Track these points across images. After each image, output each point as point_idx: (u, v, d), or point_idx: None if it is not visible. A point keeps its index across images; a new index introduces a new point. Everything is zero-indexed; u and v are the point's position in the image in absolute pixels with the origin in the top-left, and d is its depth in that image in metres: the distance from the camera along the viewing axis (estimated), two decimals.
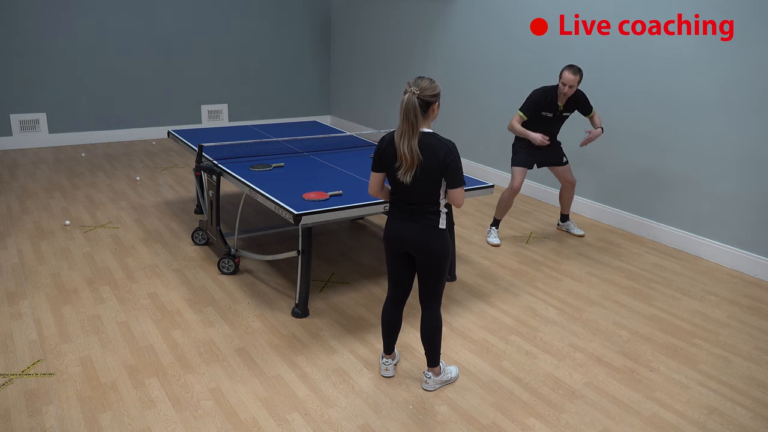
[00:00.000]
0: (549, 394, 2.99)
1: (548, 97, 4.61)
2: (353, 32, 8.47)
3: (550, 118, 4.68)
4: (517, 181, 4.78)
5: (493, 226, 4.97)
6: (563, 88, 4.50)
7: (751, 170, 4.42)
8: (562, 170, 4.95)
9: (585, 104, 4.73)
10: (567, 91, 4.50)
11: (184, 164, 6.84)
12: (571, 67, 4.46)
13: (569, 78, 4.44)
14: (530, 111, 4.63)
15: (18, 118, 7.14)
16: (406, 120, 2.54)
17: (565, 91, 4.50)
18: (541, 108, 4.62)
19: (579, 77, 4.47)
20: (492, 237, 4.91)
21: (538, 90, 4.66)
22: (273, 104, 8.75)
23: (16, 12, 6.84)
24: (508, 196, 4.84)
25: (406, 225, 2.74)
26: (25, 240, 4.56)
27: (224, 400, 2.84)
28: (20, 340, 3.25)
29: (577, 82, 4.47)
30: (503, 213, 4.93)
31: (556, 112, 4.66)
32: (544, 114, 4.65)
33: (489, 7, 6.29)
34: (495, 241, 4.88)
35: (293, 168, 4.24)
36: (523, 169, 4.80)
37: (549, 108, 4.63)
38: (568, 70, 4.45)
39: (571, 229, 5.21)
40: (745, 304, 4.05)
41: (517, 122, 4.66)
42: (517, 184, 4.78)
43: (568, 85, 4.47)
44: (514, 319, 3.71)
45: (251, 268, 4.24)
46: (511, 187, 4.79)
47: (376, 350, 3.29)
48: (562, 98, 4.59)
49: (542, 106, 4.62)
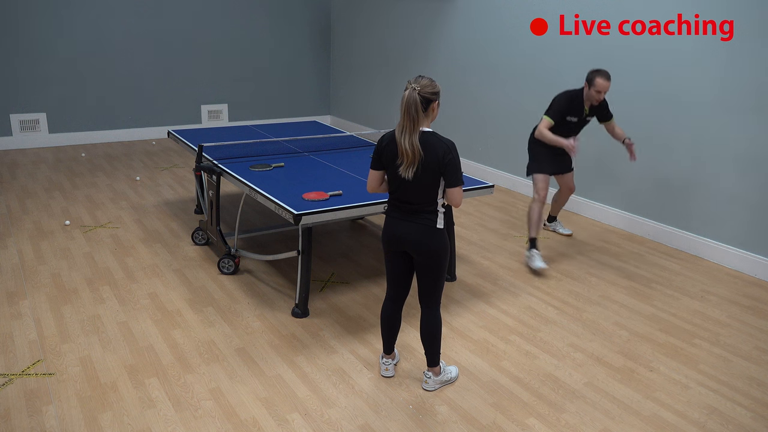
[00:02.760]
0: (549, 394, 2.99)
1: (574, 102, 4.42)
2: (353, 32, 8.47)
3: (575, 123, 4.48)
4: (543, 189, 4.52)
5: (533, 249, 4.45)
6: (595, 94, 4.30)
7: (751, 170, 4.42)
8: (568, 177, 4.84)
9: (606, 111, 4.57)
10: (598, 97, 4.32)
11: (184, 164, 6.84)
12: (603, 73, 4.26)
13: (604, 85, 4.24)
14: (558, 116, 4.40)
15: (18, 118, 7.14)
16: (407, 115, 2.55)
17: (596, 97, 4.32)
18: (567, 113, 4.42)
19: (610, 83, 4.30)
20: (537, 261, 4.36)
21: (562, 94, 4.45)
22: (273, 104, 8.75)
23: (16, 12, 6.84)
24: (538, 209, 4.49)
25: (404, 225, 2.74)
26: (25, 240, 4.56)
27: (224, 400, 2.84)
28: (20, 340, 3.25)
29: (608, 88, 4.30)
30: (538, 228, 4.50)
31: (581, 116, 4.48)
32: (569, 119, 4.45)
33: (489, 7, 6.29)
34: (542, 265, 4.34)
35: (293, 168, 4.24)
36: (546, 176, 4.56)
37: (574, 113, 4.44)
38: (602, 77, 4.25)
39: (558, 228, 5.19)
40: (745, 304, 4.05)
41: (546, 128, 4.38)
42: (544, 193, 4.51)
43: (602, 92, 4.28)
44: (514, 319, 3.71)
45: (251, 268, 4.24)
46: (540, 198, 4.50)
47: (376, 350, 3.29)
48: (588, 103, 4.43)
49: (568, 111, 4.42)
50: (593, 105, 4.46)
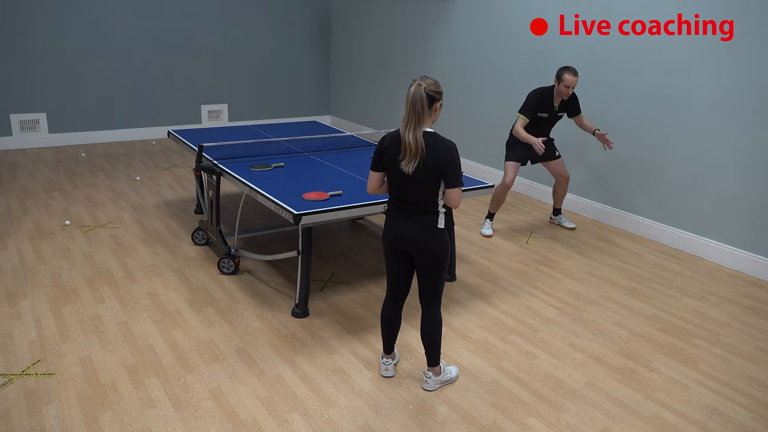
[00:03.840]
0: (549, 394, 2.99)
1: (544, 98, 4.70)
2: (353, 32, 8.47)
3: (546, 119, 4.78)
4: (510, 176, 4.89)
5: (487, 219, 5.10)
6: (564, 89, 4.59)
7: (751, 170, 4.42)
8: (555, 164, 5.04)
9: (576, 105, 4.84)
10: (567, 92, 4.61)
11: (184, 164, 6.84)
12: (570, 69, 4.56)
13: (571, 80, 4.55)
14: (530, 113, 4.69)
15: (18, 118, 7.14)
16: (412, 110, 2.57)
17: (565, 92, 4.60)
18: (537, 109, 4.70)
19: (577, 79, 4.59)
20: (485, 228, 5.05)
21: (534, 91, 4.74)
22: (273, 104, 8.75)
23: (16, 12, 6.84)
24: (501, 191, 4.93)
25: (405, 225, 2.74)
26: (25, 240, 4.56)
27: (224, 400, 2.84)
28: (20, 340, 3.25)
29: (576, 83, 4.59)
30: (497, 207, 5.07)
31: (552, 112, 4.76)
32: (540, 115, 4.73)
33: (489, 7, 6.29)
34: (488, 232, 5.02)
35: (293, 168, 4.24)
36: (516, 164, 4.91)
37: (545, 108, 4.72)
38: (569, 73, 4.55)
39: (562, 222, 5.32)
40: (745, 304, 4.05)
41: (522, 127, 4.70)
42: (509, 180, 4.89)
43: (571, 87, 4.57)
44: (514, 319, 3.71)
45: (251, 268, 4.24)
46: (504, 183, 4.90)
47: (376, 350, 3.29)
48: (558, 99, 4.70)
49: (539, 108, 4.70)
50: (563, 100, 4.74)
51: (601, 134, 4.79)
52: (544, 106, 4.71)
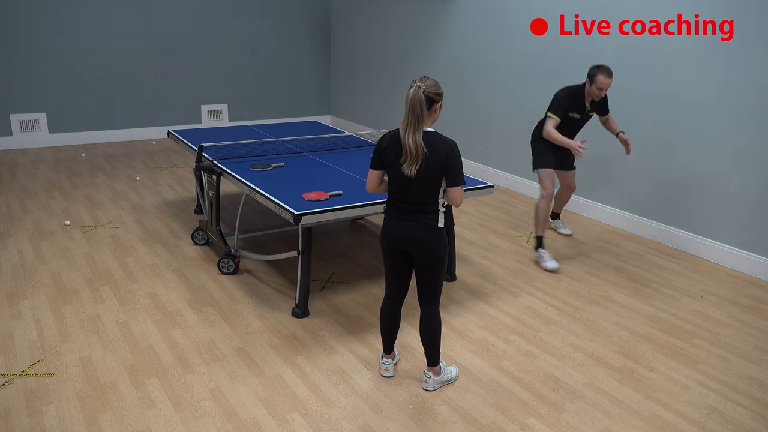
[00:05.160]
0: (549, 394, 2.99)
1: (575, 98, 4.42)
2: (353, 32, 8.47)
3: (577, 119, 4.49)
4: (549, 186, 4.47)
5: (540, 248, 4.46)
6: (596, 91, 4.29)
7: (750, 170, 4.42)
8: (568, 175, 4.83)
9: (605, 106, 4.59)
10: (600, 94, 4.32)
11: (184, 164, 6.84)
12: (604, 70, 4.24)
13: (605, 82, 4.24)
14: (561, 112, 4.39)
15: (18, 118, 7.14)
16: (411, 113, 2.56)
17: (597, 94, 4.31)
18: (569, 109, 4.42)
19: (611, 80, 4.28)
20: (548, 261, 4.39)
21: (564, 90, 4.45)
22: (273, 104, 8.75)
23: (16, 12, 6.84)
24: (545, 205, 4.44)
25: (405, 224, 2.74)
26: (25, 240, 4.56)
27: (224, 400, 2.84)
28: (20, 340, 3.25)
29: (610, 86, 4.29)
30: (545, 226, 4.48)
31: (583, 112, 4.48)
32: (571, 115, 4.44)
33: (489, 7, 6.29)
34: (553, 266, 4.36)
35: (293, 168, 4.24)
36: (551, 171, 4.52)
37: (577, 108, 4.44)
38: (603, 74, 4.23)
39: (559, 228, 5.19)
40: (745, 304, 4.05)
41: (553, 127, 4.37)
42: (550, 188, 4.47)
43: (604, 89, 4.28)
44: (514, 319, 3.71)
45: (251, 268, 4.24)
46: (547, 194, 4.45)
47: (376, 350, 3.29)
48: (589, 99, 4.43)
49: (570, 107, 4.42)
50: (594, 101, 4.47)
51: (625, 139, 4.52)
52: (576, 106, 4.41)
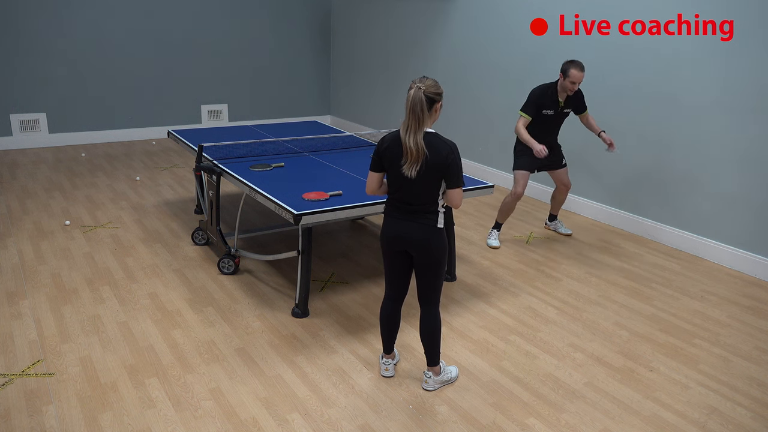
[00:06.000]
0: (549, 394, 2.99)
1: (548, 94, 4.51)
2: (353, 32, 8.47)
3: (552, 116, 4.58)
4: (520, 186, 4.66)
5: (494, 229, 4.90)
6: (569, 85, 4.38)
7: (751, 170, 4.42)
8: (560, 173, 4.88)
9: (581, 102, 4.66)
10: (573, 88, 4.40)
11: (184, 164, 6.84)
12: (576, 64, 4.35)
13: (577, 76, 4.33)
14: (532, 110, 4.51)
15: (18, 118, 7.14)
16: (412, 114, 2.56)
17: (570, 87, 4.40)
18: (542, 106, 4.51)
19: (584, 75, 4.39)
20: (492, 239, 4.85)
21: (536, 88, 4.56)
22: (273, 104, 8.75)
23: (16, 12, 6.84)
24: (511, 201, 4.74)
25: (405, 224, 2.74)
26: (25, 240, 4.56)
27: (224, 400, 2.84)
28: (20, 340, 3.25)
29: (582, 79, 4.38)
30: (505, 217, 4.86)
31: (557, 109, 4.56)
32: (545, 112, 4.54)
33: (489, 7, 6.29)
34: (495, 244, 4.81)
35: (293, 168, 4.24)
36: (526, 173, 4.68)
37: (550, 105, 4.53)
38: (575, 68, 4.33)
39: (558, 228, 5.19)
40: (745, 304, 4.05)
41: (523, 126, 4.53)
42: (520, 190, 4.66)
43: (577, 82, 4.36)
44: (514, 319, 3.71)
45: (251, 268, 4.24)
46: (515, 193, 4.67)
47: (376, 350, 3.29)
48: (563, 95, 4.51)
49: (543, 104, 4.51)
50: (568, 96, 4.53)
51: (606, 138, 4.61)
52: (549, 103, 4.50)
